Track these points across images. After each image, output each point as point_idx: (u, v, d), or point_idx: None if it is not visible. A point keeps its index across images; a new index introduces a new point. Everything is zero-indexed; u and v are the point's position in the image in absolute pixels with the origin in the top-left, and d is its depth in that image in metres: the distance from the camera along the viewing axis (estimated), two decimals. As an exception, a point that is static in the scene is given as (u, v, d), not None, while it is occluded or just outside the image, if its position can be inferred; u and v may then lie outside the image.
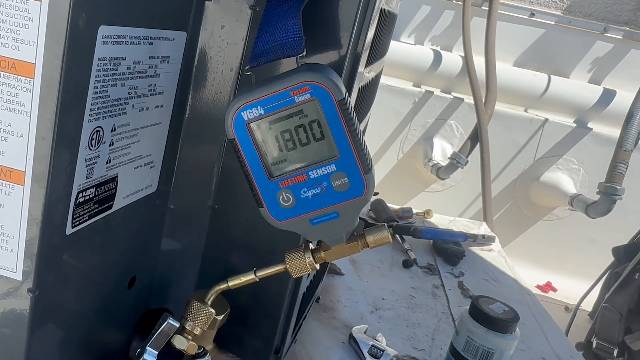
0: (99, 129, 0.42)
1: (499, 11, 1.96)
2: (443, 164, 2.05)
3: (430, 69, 2.11)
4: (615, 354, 1.41)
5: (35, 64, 0.35)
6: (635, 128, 1.67)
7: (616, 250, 1.56)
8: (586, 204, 1.87)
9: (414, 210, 1.40)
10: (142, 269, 0.57)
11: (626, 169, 1.70)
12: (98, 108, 0.41)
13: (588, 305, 1.71)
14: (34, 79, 0.36)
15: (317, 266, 0.42)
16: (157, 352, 0.47)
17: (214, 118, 0.55)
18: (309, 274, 0.67)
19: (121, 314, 0.57)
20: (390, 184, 2.18)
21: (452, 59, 2.12)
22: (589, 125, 2.10)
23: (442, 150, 2.12)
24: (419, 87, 2.15)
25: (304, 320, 0.76)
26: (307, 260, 0.42)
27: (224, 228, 0.58)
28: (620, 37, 2.06)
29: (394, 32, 0.90)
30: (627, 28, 2.05)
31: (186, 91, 0.54)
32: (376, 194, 1.45)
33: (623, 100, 1.94)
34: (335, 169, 0.39)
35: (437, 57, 2.11)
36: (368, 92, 0.70)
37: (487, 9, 1.97)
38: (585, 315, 1.72)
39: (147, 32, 0.44)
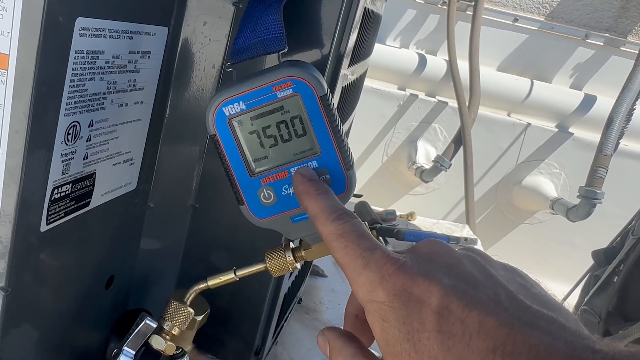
0: (75, 123, 0.41)
1: (483, 16, 1.98)
2: (427, 167, 2.06)
3: (415, 72, 2.13)
4: (594, 355, 1.42)
5: (9, 55, 0.35)
6: (615, 133, 1.70)
7: (596, 254, 1.58)
8: (567, 207, 1.90)
9: (398, 213, 1.40)
10: (120, 268, 0.56)
11: (606, 173, 1.72)
12: (75, 102, 0.40)
13: (568, 307, 1.73)
14: (7, 70, 0.35)
15: (298, 265, 0.42)
16: (134, 353, 0.46)
17: (195, 116, 0.54)
18: (290, 274, 0.67)
19: (99, 314, 0.55)
20: (374, 187, 2.19)
21: (437, 63, 2.13)
22: (570, 130, 2.13)
23: (426, 153, 2.13)
24: (404, 90, 2.16)
25: (285, 321, 0.75)
26: (288, 259, 0.41)
27: (205, 227, 0.58)
28: (601, 44, 2.10)
29: (379, 35, 0.90)
30: (608, 35, 2.09)
31: (167, 88, 0.53)
32: (360, 196, 1.45)
33: (603, 105, 1.97)
34: (317, 165, 0.39)
35: (422, 61, 2.13)
36: (352, 93, 0.70)
37: (471, 13, 1.99)
38: (566, 318, 1.73)
39: (127, 25, 0.43)
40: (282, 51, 0.42)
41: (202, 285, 0.45)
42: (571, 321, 0.27)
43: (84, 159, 0.43)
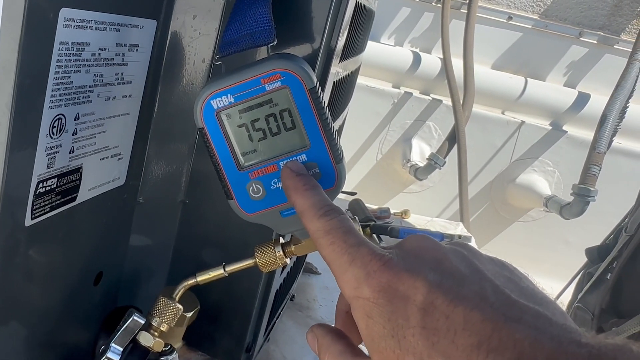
0: (60, 116, 0.40)
1: (477, 14, 1.98)
2: (421, 164, 2.06)
3: (410, 70, 2.12)
4: (587, 353, 1.42)
5: (-9, 45, 0.34)
6: (608, 131, 1.70)
7: (589, 251, 1.58)
8: (560, 205, 1.90)
9: (392, 211, 1.40)
10: (109, 264, 0.56)
11: (599, 170, 1.73)
12: (60, 95, 0.39)
13: (562, 305, 1.73)
14: (-11, 61, 0.34)
15: (287, 260, 0.41)
16: (121, 349, 0.46)
17: (185, 110, 0.54)
18: (282, 271, 0.66)
19: (87, 311, 0.55)
20: (369, 184, 2.19)
21: (431, 61, 2.13)
22: (564, 127, 2.14)
23: (420, 151, 2.13)
24: (398, 88, 2.16)
25: (277, 318, 0.74)
26: (277, 254, 0.41)
27: (195, 223, 0.57)
28: (595, 42, 2.10)
29: (373, 33, 0.90)
30: (602, 33, 2.09)
31: (156, 82, 0.52)
32: (354, 193, 1.45)
33: (597, 103, 1.98)
34: (306, 159, 0.38)
35: (417, 59, 2.13)
36: (344, 89, 0.70)
37: (465, 11, 1.98)
38: (559, 315, 1.73)
39: (113, 17, 0.42)
40: (271, 44, 0.41)
41: (191, 281, 0.44)
42: (558, 314, 0.27)
43: (70, 153, 0.43)
